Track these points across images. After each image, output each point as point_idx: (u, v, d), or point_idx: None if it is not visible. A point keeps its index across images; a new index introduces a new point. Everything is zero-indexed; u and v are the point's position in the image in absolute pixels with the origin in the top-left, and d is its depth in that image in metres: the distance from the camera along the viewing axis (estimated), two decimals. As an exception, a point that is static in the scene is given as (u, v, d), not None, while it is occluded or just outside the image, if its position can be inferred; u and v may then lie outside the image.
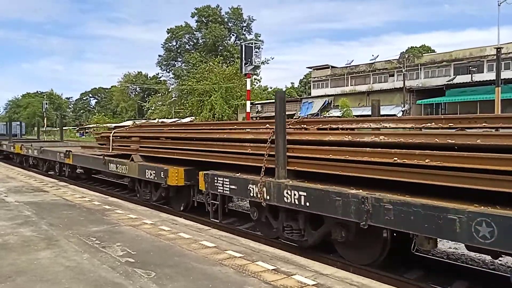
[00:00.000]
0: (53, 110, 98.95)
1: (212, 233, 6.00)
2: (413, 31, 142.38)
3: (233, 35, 76.95)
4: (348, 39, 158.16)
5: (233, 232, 6.85)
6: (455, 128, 4.68)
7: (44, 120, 78.39)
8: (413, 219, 4.20)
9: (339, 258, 5.84)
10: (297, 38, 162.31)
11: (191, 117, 49.01)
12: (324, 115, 38.00)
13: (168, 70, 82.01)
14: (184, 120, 46.78)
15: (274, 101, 6.03)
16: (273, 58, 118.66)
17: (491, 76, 32.82)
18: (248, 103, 26.03)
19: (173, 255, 4.79)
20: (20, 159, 18.73)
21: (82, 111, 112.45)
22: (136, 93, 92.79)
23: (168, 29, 78.06)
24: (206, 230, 6.20)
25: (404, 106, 36.33)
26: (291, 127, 6.22)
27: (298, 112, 42.88)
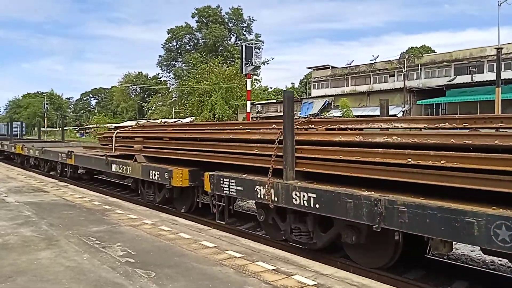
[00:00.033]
0: (54, 111, 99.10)
1: (212, 233, 6.00)
2: (413, 31, 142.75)
3: (234, 36, 77.04)
4: (348, 39, 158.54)
5: (233, 232, 6.85)
6: (469, 128, 4.51)
7: (45, 121, 78.53)
8: (429, 222, 4.08)
9: (350, 262, 5.68)
10: (297, 38, 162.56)
11: (191, 118, 49.00)
12: (325, 115, 38.00)
13: (169, 71, 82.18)
14: (185, 120, 46.79)
15: (282, 101, 5.87)
16: (274, 59, 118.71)
17: (492, 77, 32.84)
18: (249, 104, 26.07)
19: (173, 255, 4.80)
20: (22, 160, 18.66)
21: (83, 111, 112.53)
22: (137, 94, 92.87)
23: (169, 29, 78.26)
24: (206, 230, 6.21)
25: (405, 107, 36.34)
26: (299, 127, 6.07)
27: (298, 113, 42.90)
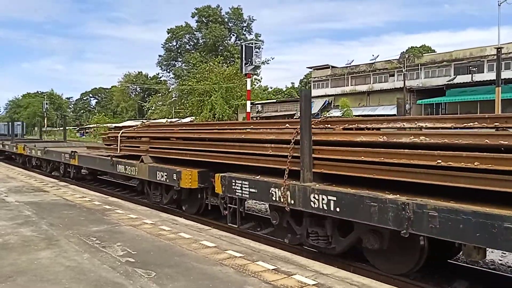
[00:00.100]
0: (54, 110, 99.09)
1: (213, 233, 6.00)
2: (413, 31, 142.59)
3: (233, 35, 77.06)
4: (349, 39, 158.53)
5: (234, 232, 6.83)
6: (499, 128, 4.31)
7: (45, 120, 78.55)
8: (462, 228, 3.87)
9: (372, 268, 5.48)
10: (297, 38, 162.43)
11: (191, 117, 48.99)
12: (324, 115, 37.99)
13: (169, 70, 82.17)
14: (185, 120, 46.79)
15: (299, 100, 5.61)
16: (274, 58, 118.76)
17: (492, 76, 32.83)
18: (249, 103, 26.06)
19: (174, 255, 4.79)
20: (23, 160, 18.52)
21: (83, 111, 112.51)
22: (137, 93, 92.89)
23: (168, 29, 78.25)
24: (207, 230, 6.20)
25: (405, 106, 36.31)
26: (314, 127, 5.80)
27: (299, 112, 42.87)
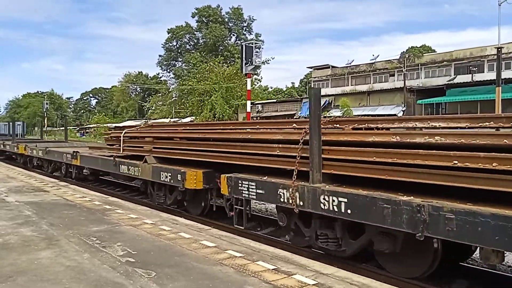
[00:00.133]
0: (54, 110, 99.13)
1: (213, 233, 6.00)
2: (413, 31, 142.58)
3: (234, 35, 77.04)
4: (349, 39, 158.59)
5: (234, 232, 6.82)
6: None
7: (45, 120, 78.56)
8: (481, 231, 3.77)
9: (382, 271, 5.36)
10: (298, 38, 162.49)
11: (192, 117, 49.01)
12: (325, 115, 37.96)
13: (169, 70, 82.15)
14: (185, 120, 46.80)
15: (308, 99, 5.45)
16: (274, 58, 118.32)
17: (492, 76, 32.83)
18: (249, 103, 26.05)
19: (174, 255, 4.80)
20: (24, 160, 18.43)
21: (83, 111, 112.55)
22: (137, 93, 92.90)
23: (169, 29, 78.22)
24: (207, 230, 6.20)
25: (405, 106, 36.32)
26: (323, 127, 5.67)
27: (299, 112, 42.90)
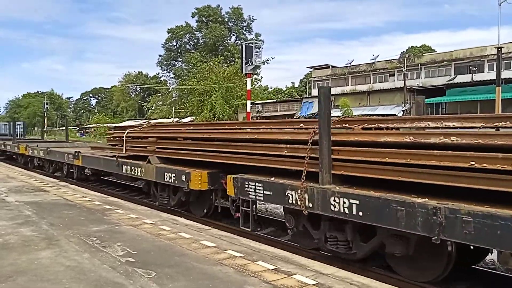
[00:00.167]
0: (54, 110, 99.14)
1: (213, 233, 5.99)
2: (413, 31, 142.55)
3: (234, 35, 77.02)
4: (349, 39, 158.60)
5: (234, 232, 6.82)
6: None
7: (45, 120, 78.60)
8: (500, 234, 3.67)
9: (393, 274, 5.26)
10: (298, 38, 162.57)
11: (192, 117, 49.02)
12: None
13: (169, 70, 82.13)
14: (185, 120, 46.81)
15: (318, 98, 5.41)
16: (274, 58, 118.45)
17: (492, 76, 32.86)
18: (249, 103, 26.06)
19: (174, 255, 4.79)
20: (25, 160, 18.31)
21: (83, 111, 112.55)
22: (137, 93, 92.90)
23: (169, 29, 78.19)
24: (207, 230, 6.20)
25: (405, 106, 36.34)
26: (332, 127, 5.50)
27: (298, 112, 42.92)
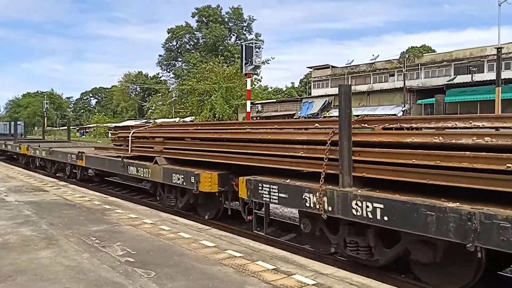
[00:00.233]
0: (54, 110, 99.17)
1: (212, 233, 5.99)
2: (413, 31, 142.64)
3: (234, 35, 77.07)
4: (349, 39, 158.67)
5: (233, 232, 6.82)
6: None
7: (45, 120, 78.63)
8: None
9: (417, 282, 5.06)
10: (298, 38, 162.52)
11: (192, 117, 49.03)
12: (324, 115, 38.00)
13: (169, 70, 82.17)
14: (185, 120, 46.77)
15: (338, 96, 5.20)
16: (274, 58, 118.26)
17: (492, 76, 32.86)
18: (249, 103, 26.08)
19: (173, 255, 4.79)
20: (26, 160, 18.16)
21: (83, 111, 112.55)
22: (137, 93, 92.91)
23: (169, 29, 78.23)
24: (206, 230, 6.19)
25: (405, 106, 36.36)
26: (352, 127, 5.29)
27: (298, 112, 42.94)
